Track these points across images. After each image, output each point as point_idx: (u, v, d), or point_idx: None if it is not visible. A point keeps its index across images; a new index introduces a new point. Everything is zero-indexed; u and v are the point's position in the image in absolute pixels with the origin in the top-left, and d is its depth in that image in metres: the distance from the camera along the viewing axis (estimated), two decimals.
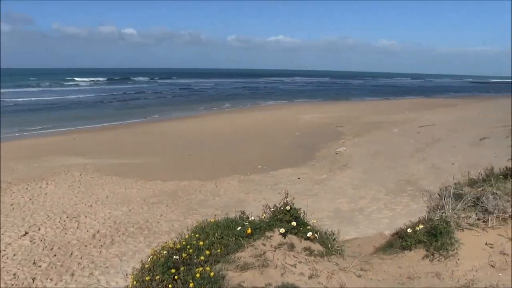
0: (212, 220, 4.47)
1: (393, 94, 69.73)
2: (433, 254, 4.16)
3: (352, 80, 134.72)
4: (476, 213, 4.36)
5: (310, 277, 3.72)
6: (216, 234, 4.13)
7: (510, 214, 4.18)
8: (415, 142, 22.21)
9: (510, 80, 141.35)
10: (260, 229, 4.15)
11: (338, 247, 4.38)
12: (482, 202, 4.36)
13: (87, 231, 12.11)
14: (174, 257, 3.70)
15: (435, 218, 4.28)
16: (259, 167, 18.64)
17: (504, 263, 3.84)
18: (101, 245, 11.20)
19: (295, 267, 3.79)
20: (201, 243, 3.96)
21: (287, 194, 4.48)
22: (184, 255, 3.80)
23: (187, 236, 4.28)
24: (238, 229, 4.11)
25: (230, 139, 25.23)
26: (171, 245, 3.97)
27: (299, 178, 16.71)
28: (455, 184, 5.08)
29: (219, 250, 3.86)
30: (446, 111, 37.89)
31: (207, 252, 3.81)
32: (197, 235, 4.19)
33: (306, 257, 3.98)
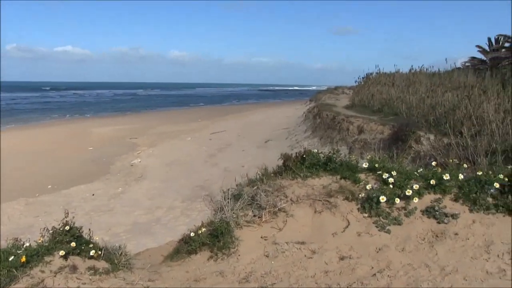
0: None
1: (189, 103, 71.59)
2: (216, 254, 4.42)
3: (148, 91, 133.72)
4: (252, 210, 4.76)
5: None
6: None
7: (279, 207, 4.67)
8: (207, 149, 23.17)
9: (289, 88, 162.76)
10: (37, 255, 3.85)
11: (125, 261, 4.33)
12: (256, 200, 4.79)
13: None
14: None
15: (216, 220, 4.55)
16: (49, 186, 17.27)
17: (276, 251, 4.28)
18: None
19: None
20: None
21: (67, 213, 4.27)
22: None
23: None
24: (11, 259, 3.75)
25: (14, 159, 22.83)
26: None
27: (93, 194, 15.99)
28: (236, 185, 5.46)
29: None
30: (236, 117, 40.30)
31: None
32: None
33: (91, 277, 3.84)
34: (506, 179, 4.68)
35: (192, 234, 4.51)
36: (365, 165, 5.39)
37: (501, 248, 4.00)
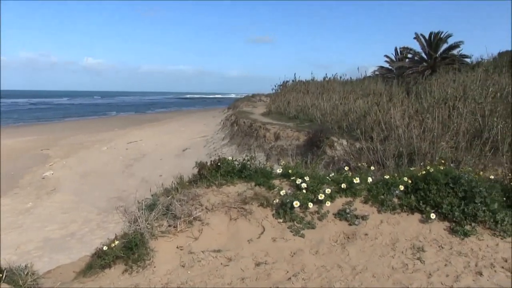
0: None
1: (106, 112, 69.33)
2: (131, 267, 4.30)
3: (65, 99, 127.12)
4: (167, 220, 4.69)
5: None
6: None
7: (194, 216, 4.63)
8: (124, 159, 22.54)
9: (209, 96, 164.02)
10: None
11: (32, 281, 4.09)
12: (171, 210, 4.72)
13: None
14: None
15: (130, 231, 4.42)
16: None
17: (192, 261, 4.24)
18: None
19: None
20: None
21: None
22: None
23: None
24: None
25: None
26: None
27: None
28: (152, 195, 5.35)
29: None
30: (154, 126, 39.53)
31: None
32: None
33: None
34: (410, 181, 4.99)
35: (105, 248, 4.34)
36: (279, 171, 5.50)
37: (405, 244, 4.26)
